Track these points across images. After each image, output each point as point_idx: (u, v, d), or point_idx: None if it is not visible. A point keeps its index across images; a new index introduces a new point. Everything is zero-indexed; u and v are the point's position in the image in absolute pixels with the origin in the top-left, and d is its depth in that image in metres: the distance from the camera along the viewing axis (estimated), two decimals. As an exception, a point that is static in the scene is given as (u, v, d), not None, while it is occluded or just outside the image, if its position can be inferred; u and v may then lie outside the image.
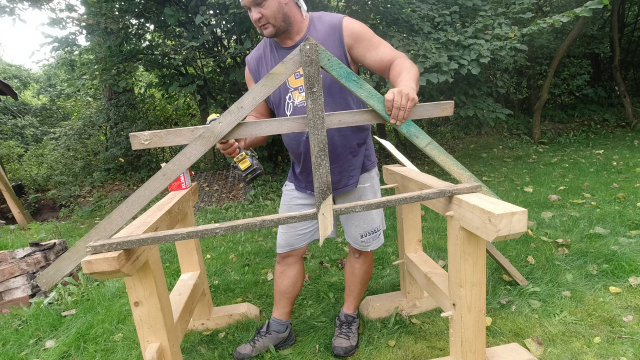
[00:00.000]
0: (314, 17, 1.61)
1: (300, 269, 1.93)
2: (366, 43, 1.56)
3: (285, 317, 1.96)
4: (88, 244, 1.20)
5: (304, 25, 1.59)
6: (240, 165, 1.53)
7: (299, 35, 1.58)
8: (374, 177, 1.83)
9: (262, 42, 1.69)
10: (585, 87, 9.54)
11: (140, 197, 1.22)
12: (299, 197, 1.80)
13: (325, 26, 1.57)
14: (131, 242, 1.20)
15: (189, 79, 5.70)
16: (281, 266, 1.91)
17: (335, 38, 1.55)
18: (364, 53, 1.57)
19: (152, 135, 1.22)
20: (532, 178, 5.01)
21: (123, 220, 1.24)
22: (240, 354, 1.88)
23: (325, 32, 1.56)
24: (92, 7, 5.12)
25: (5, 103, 12.34)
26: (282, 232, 1.84)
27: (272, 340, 1.93)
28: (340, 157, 1.65)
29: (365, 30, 1.57)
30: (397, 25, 5.26)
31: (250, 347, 1.90)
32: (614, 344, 1.75)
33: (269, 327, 1.95)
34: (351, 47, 1.56)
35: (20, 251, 2.76)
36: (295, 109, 1.60)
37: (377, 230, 1.85)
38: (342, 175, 1.68)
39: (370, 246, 1.85)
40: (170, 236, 1.23)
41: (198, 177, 6.68)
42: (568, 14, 4.30)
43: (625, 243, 2.64)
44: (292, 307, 1.99)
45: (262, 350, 1.90)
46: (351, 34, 1.54)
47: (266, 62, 1.65)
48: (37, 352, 2.12)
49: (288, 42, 1.59)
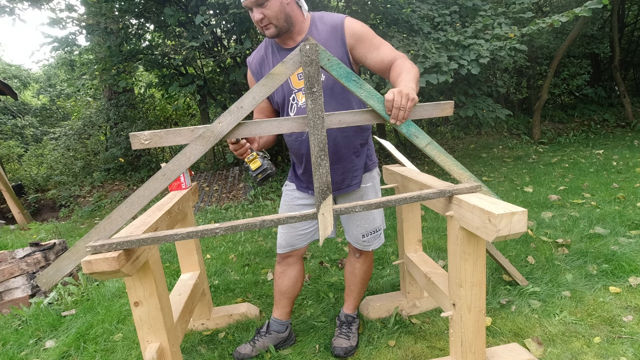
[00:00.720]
0: (316, 17, 1.61)
1: (301, 269, 1.93)
2: (368, 44, 1.56)
3: (285, 317, 1.96)
4: (88, 244, 1.20)
5: (305, 25, 1.58)
6: (251, 166, 1.52)
7: (300, 35, 1.58)
8: (375, 176, 1.83)
9: (263, 44, 1.69)
10: (585, 87, 9.54)
11: (140, 197, 1.22)
12: (300, 197, 1.80)
13: (327, 26, 1.57)
14: (131, 242, 1.20)
15: (189, 79, 5.70)
16: (281, 266, 1.91)
17: (337, 38, 1.55)
18: (366, 54, 1.56)
19: (152, 135, 1.22)
20: (532, 178, 5.01)
21: (123, 220, 1.24)
22: (241, 354, 1.88)
23: (327, 33, 1.56)
24: (92, 7, 5.12)
25: (5, 103, 12.34)
26: (282, 232, 1.84)
27: (272, 340, 1.93)
28: (343, 158, 1.65)
29: (367, 31, 1.56)
30: (397, 25, 5.26)
31: (250, 347, 1.90)
32: (613, 344, 1.75)
33: (269, 327, 1.95)
34: (353, 47, 1.56)
35: (20, 251, 2.76)
36: (299, 110, 1.60)
37: (378, 230, 1.85)
38: (345, 175, 1.69)
39: (372, 245, 1.85)
40: (170, 236, 1.23)
41: (198, 177, 6.68)
42: (567, 14, 4.31)
43: (625, 243, 2.64)
44: (292, 307, 1.99)
45: (262, 350, 1.90)
46: (353, 34, 1.54)
47: (268, 64, 1.64)
48: (37, 352, 2.12)
49: (290, 43, 1.59)
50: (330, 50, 1.53)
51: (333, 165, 1.63)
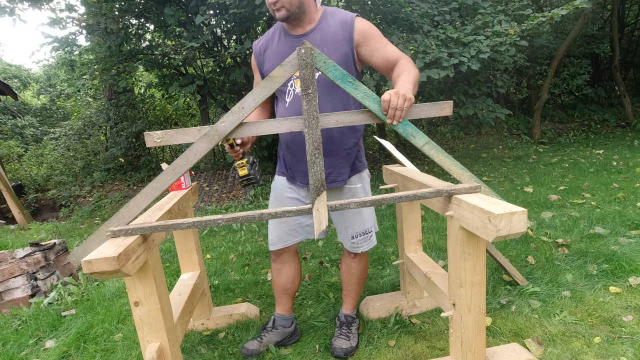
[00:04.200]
0: (328, 11, 1.65)
1: (297, 265, 1.96)
2: (375, 42, 1.61)
3: (289, 312, 2.00)
4: (109, 228, 1.33)
5: (316, 16, 1.63)
6: (239, 172, 1.65)
7: (310, 25, 1.62)
8: (365, 178, 1.84)
9: (272, 29, 1.73)
10: (585, 87, 9.54)
11: (153, 188, 1.35)
12: (289, 188, 1.82)
13: (336, 21, 1.61)
14: (144, 229, 1.34)
15: (189, 79, 5.70)
16: (277, 264, 1.94)
17: (345, 34, 1.59)
18: (372, 52, 1.61)
19: (164, 134, 1.35)
20: (532, 178, 5.01)
21: (139, 209, 1.37)
22: (248, 350, 1.90)
23: (336, 27, 1.60)
24: (92, 7, 5.11)
25: (5, 103, 12.34)
26: (273, 229, 1.86)
27: (278, 335, 1.95)
28: (334, 153, 1.68)
29: (375, 31, 1.62)
30: (397, 24, 5.27)
31: (257, 343, 1.92)
32: (614, 344, 1.75)
33: (275, 323, 1.98)
34: (360, 45, 1.60)
35: (20, 251, 2.77)
36: (296, 96, 1.64)
37: (369, 232, 1.84)
38: (331, 170, 1.71)
39: (361, 247, 1.85)
40: (177, 224, 1.36)
41: (198, 177, 6.69)
42: (567, 7, 4.35)
43: (625, 243, 2.64)
44: (294, 301, 2.02)
45: (268, 346, 1.92)
46: (362, 32, 1.59)
47: (272, 48, 1.68)
48: (37, 352, 2.12)
49: (299, 30, 1.63)
50: (336, 44, 1.58)
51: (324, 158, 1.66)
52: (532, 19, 4.56)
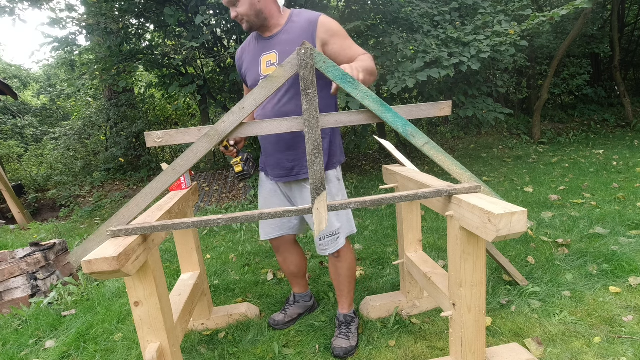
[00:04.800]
0: (294, 12, 1.76)
1: (299, 251, 2.12)
2: (340, 41, 1.69)
3: (305, 289, 2.23)
4: (109, 228, 1.34)
5: (282, 19, 1.74)
6: (235, 168, 1.77)
7: (277, 28, 1.73)
8: (332, 180, 1.81)
9: (250, 35, 1.86)
10: (585, 87, 9.54)
11: (153, 188, 1.36)
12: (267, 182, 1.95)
13: (302, 20, 1.70)
14: (144, 229, 1.34)
15: (189, 79, 5.70)
16: (281, 255, 2.10)
17: (309, 32, 1.66)
18: (339, 50, 1.68)
19: (164, 134, 1.36)
20: (532, 178, 5.01)
21: (139, 208, 1.38)
22: (275, 321, 2.12)
23: (301, 26, 1.68)
24: (92, 7, 5.11)
25: (5, 103, 12.34)
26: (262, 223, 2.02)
27: (301, 308, 2.19)
28: (299, 147, 1.74)
29: (340, 29, 1.70)
30: (397, 24, 5.27)
31: (282, 315, 2.14)
32: (614, 344, 1.75)
33: (295, 298, 2.20)
34: (325, 42, 1.67)
35: (20, 251, 2.76)
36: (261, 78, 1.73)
37: (336, 234, 1.83)
38: (295, 163, 1.77)
39: (328, 250, 1.85)
40: (178, 224, 1.36)
41: (198, 177, 6.69)
42: (567, 7, 4.37)
43: (625, 243, 2.64)
44: (307, 279, 2.25)
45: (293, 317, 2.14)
46: (327, 30, 1.66)
47: (249, 51, 1.83)
48: (37, 352, 2.12)
49: (267, 33, 1.75)
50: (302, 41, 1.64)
51: (287, 152, 1.75)
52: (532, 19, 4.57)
